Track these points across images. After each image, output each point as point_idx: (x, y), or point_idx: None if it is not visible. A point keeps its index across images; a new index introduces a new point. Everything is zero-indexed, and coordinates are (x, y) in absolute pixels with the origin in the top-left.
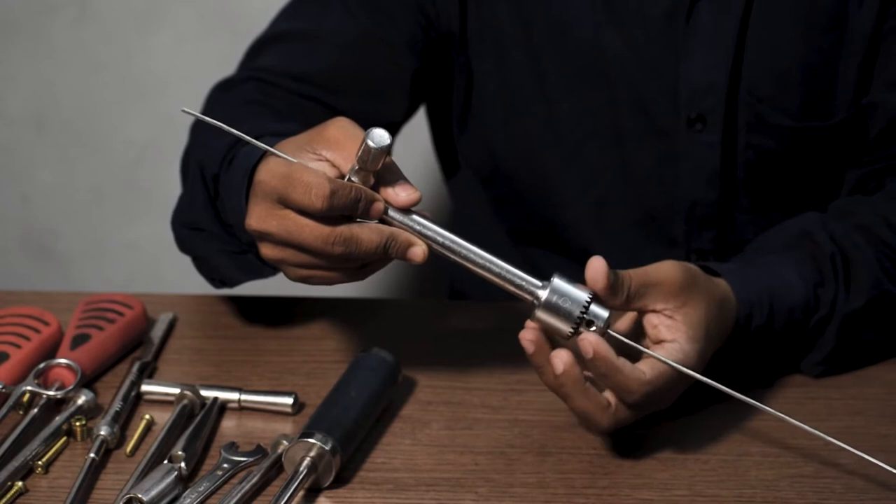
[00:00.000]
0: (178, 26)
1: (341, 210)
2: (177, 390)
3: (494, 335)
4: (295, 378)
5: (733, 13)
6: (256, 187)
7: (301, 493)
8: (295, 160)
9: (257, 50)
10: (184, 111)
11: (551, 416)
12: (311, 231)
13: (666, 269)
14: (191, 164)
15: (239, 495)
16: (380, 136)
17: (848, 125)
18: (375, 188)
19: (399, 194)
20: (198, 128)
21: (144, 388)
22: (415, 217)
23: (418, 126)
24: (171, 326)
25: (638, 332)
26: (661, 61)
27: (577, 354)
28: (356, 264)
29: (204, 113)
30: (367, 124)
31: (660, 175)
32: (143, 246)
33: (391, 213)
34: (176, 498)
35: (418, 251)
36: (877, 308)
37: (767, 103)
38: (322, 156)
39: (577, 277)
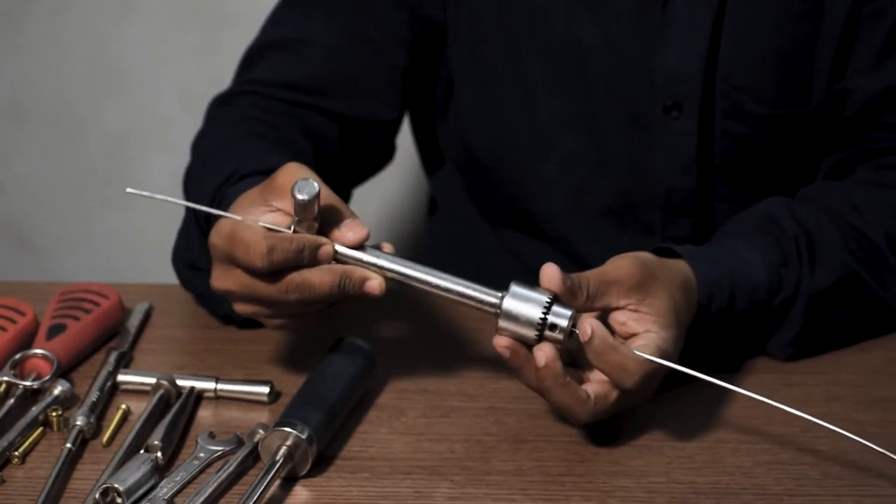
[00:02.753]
0: (153, 15)
1: (285, 263)
2: (153, 380)
3: (470, 323)
4: (271, 367)
5: (709, 1)
6: (211, 249)
7: (277, 482)
8: (241, 218)
9: (250, 61)
10: (129, 192)
11: (527, 403)
12: (263, 286)
13: (622, 266)
14: (186, 199)
15: (215, 484)
16: (302, 187)
17: (823, 112)
18: (324, 230)
19: (346, 235)
20: (197, 149)
21: (121, 377)
22: (368, 251)
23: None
24: (147, 316)
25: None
26: (637, 49)
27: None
28: (322, 306)
29: (204, 130)
30: (364, 124)
31: (636, 163)
32: (120, 236)
33: (343, 251)
34: (152, 487)
35: (374, 284)
36: (845, 288)
37: (743, 91)
38: (274, 206)
39: (558, 262)
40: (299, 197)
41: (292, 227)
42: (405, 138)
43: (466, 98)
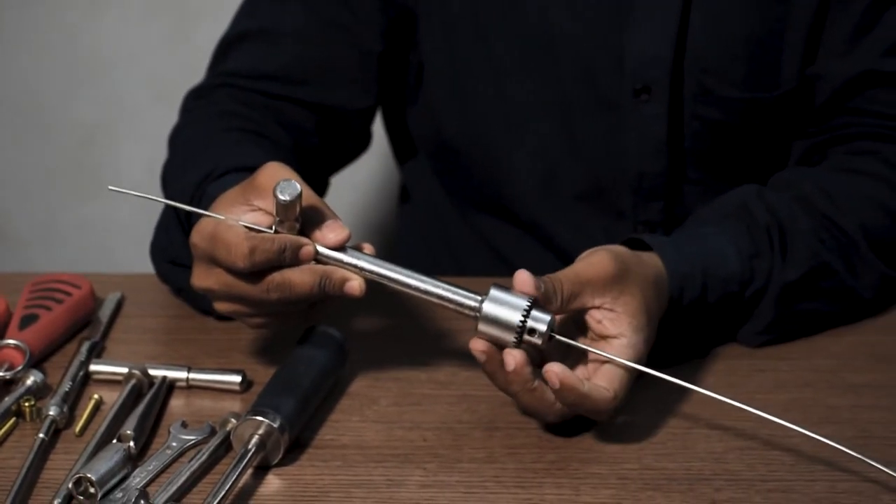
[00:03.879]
0: (124, 6)
1: (266, 264)
2: (125, 370)
3: (442, 311)
4: (243, 356)
5: None
6: (192, 249)
7: (250, 471)
8: (223, 217)
9: (223, 52)
10: (111, 189)
11: (500, 391)
12: (244, 286)
13: (595, 264)
14: (166, 195)
15: (188, 474)
16: (284, 188)
17: (794, 96)
18: (305, 231)
19: (327, 236)
20: (175, 144)
21: (93, 367)
22: (349, 252)
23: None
24: (119, 306)
25: (580, 328)
26: (606, 32)
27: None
28: (303, 306)
29: (181, 125)
30: (341, 112)
31: (607, 147)
32: (92, 226)
33: (324, 252)
34: (125, 477)
35: (355, 285)
36: (815, 278)
37: (713, 74)
38: (255, 205)
39: (529, 249)
40: (281, 198)
41: (273, 228)
42: (376, 127)
43: (438, 83)
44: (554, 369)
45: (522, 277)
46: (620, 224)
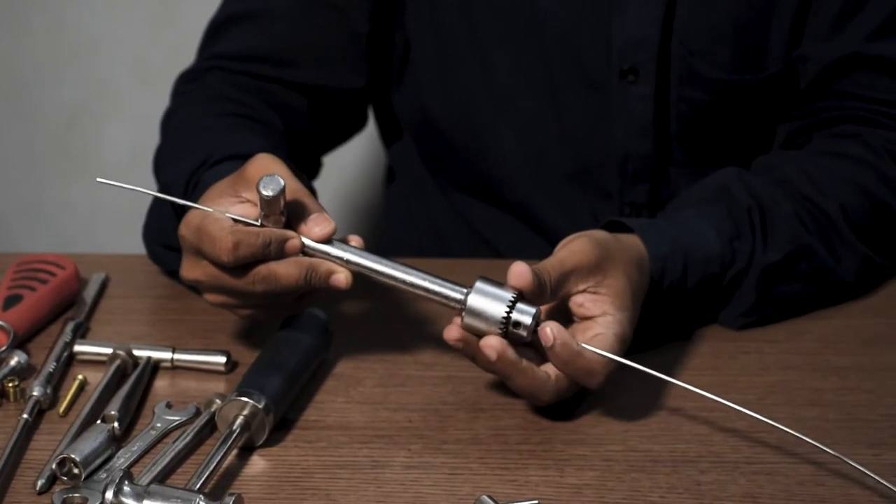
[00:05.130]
0: None
1: (252, 257)
2: (110, 350)
3: (424, 299)
4: (228, 337)
5: None
6: (180, 241)
7: (234, 452)
8: (211, 209)
9: (213, 34)
10: (99, 181)
11: (484, 372)
12: (230, 278)
13: (578, 250)
14: (159, 180)
15: (172, 454)
16: (267, 183)
17: (780, 79)
18: (292, 223)
19: (312, 229)
20: (167, 129)
21: (77, 348)
22: (335, 245)
23: None
24: (104, 286)
25: (562, 314)
26: (593, 14)
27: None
28: (290, 298)
29: (172, 109)
30: (333, 93)
31: (593, 128)
32: (76, 207)
33: (310, 244)
34: (110, 458)
35: (341, 278)
36: (796, 261)
37: (700, 56)
38: (243, 197)
39: (514, 231)
40: (264, 193)
41: (259, 221)
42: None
43: (423, 64)
44: (549, 326)
45: (519, 269)
46: (607, 205)
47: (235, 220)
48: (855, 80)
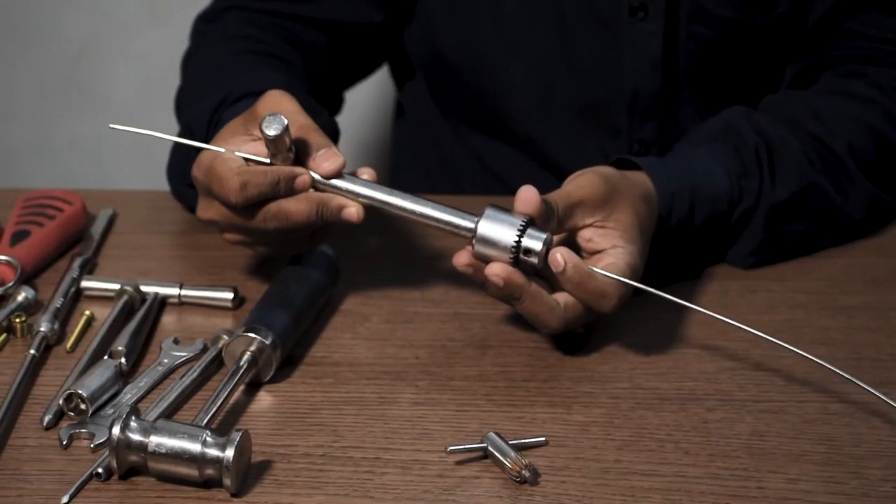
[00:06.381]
0: None
1: (261, 196)
2: (117, 286)
3: (434, 229)
4: (235, 273)
5: None
6: (194, 182)
7: (241, 388)
8: (222, 149)
9: None
10: (112, 127)
11: (491, 309)
12: (241, 218)
13: (586, 184)
14: (181, 121)
15: (179, 390)
16: (270, 122)
17: (789, 18)
18: (301, 160)
19: (321, 165)
20: (187, 69)
21: (85, 283)
22: (345, 179)
23: None
24: (111, 222)
25: (573, 250)
26: None
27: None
28: (304, 234)
29: (192, 50)
30: (353, 28)
31: (603, 64)
32: (84, 143)
33: (320, 180)
34: (116, 393)
35: (352, 212)
36: (804, 199)
37: None
38: (255, 135)
39: (523, 167)
40: (267, 133)
41: (269, 160)
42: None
43: None
44: (560, 251)
45: (527, 194)
46: (616, 142)
47: (246, 160)
48: (863, 19)
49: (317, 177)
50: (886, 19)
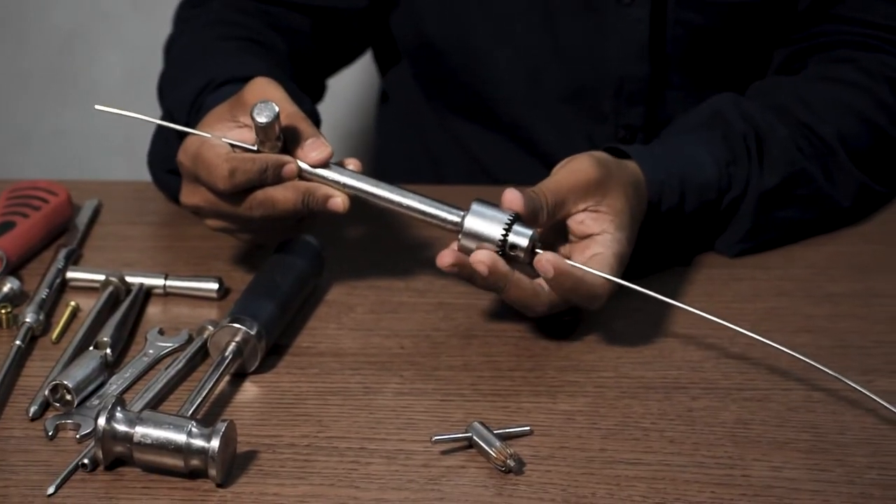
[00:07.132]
0: None
1: (248, 183)
2: (102, 277)
3: (420, 222)
4: (220, 263)
5: None
6: (179, 167)
7: (227, 378)
8: (209, 135)
9: None
10: (98, 108)
11: (476, 299)
12: (227, 204)
13: (577, 170)
14: (163, 106)
15: (165, 381)
16: (261, 109)
17: (777, 3)
18: (289, 149)
19: (309, 154)
20: (171, 54)
21: (70, 274)
22: (332, 169)
23: None
24: (97, 213)
25: (558, 232)
26: None
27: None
28: (290, 222)
29: (176, 35)
30: (336, 15)
31: (590, 50)
32: (69, 134)
33: (307, 169)
34: (102, 384)
35: (338, 202)
36: (793, 185)
37: None
38: (241, 122)
39: (509, 154)
40: (258, 120)
41: (257, 147)
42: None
43: None
44: (546, 257)
45: (510, 196)
46: (602, 128)
47: (233, 146)
48: (852, 4)
49: (304, 166)
50: (876, 4)
